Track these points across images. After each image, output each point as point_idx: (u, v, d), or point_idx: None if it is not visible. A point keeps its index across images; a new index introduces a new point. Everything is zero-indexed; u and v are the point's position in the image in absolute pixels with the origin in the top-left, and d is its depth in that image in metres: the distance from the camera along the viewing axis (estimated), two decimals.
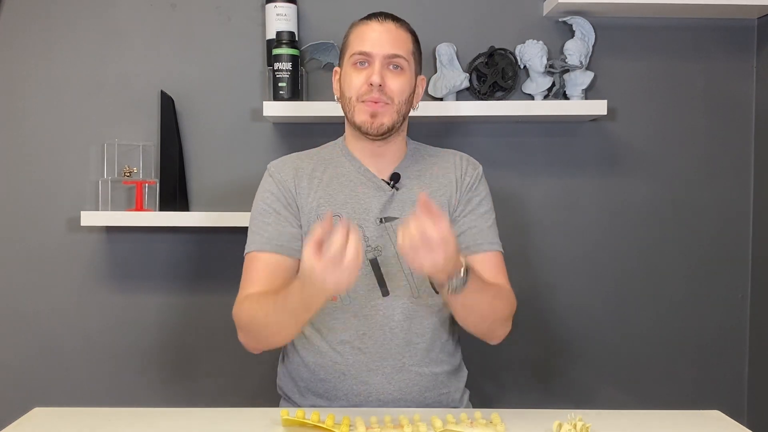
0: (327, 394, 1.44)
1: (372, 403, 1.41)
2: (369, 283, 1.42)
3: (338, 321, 1.42)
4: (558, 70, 1.96)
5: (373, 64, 1.40)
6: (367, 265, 1.41)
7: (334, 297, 1.41)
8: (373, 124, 1.40)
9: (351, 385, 1.42)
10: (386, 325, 1.42)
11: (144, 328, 2.04)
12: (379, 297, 1.42)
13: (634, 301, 2.07)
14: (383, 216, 1.44)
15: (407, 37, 1.45)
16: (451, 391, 1.49)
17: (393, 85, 1.40)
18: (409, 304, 1.43)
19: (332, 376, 1.43)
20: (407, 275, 1.43)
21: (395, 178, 1.47)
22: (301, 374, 1.47)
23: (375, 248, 1.42)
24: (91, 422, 1.26)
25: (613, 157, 2.05)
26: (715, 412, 1.36)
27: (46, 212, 2.01)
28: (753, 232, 2.07)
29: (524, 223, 2.05)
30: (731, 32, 2.03)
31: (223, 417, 1.29)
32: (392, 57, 1.40)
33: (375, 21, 1.43)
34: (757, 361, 2.05)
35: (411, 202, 1.45)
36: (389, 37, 1.41)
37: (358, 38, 1.42)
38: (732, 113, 2.05)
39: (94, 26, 2.00)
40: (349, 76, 1.42)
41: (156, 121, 2.00)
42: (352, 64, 1.42)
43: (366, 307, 1.42)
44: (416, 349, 1.43)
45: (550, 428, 1.19)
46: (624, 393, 2.07)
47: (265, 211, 1.45)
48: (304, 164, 1.49)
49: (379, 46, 1.40)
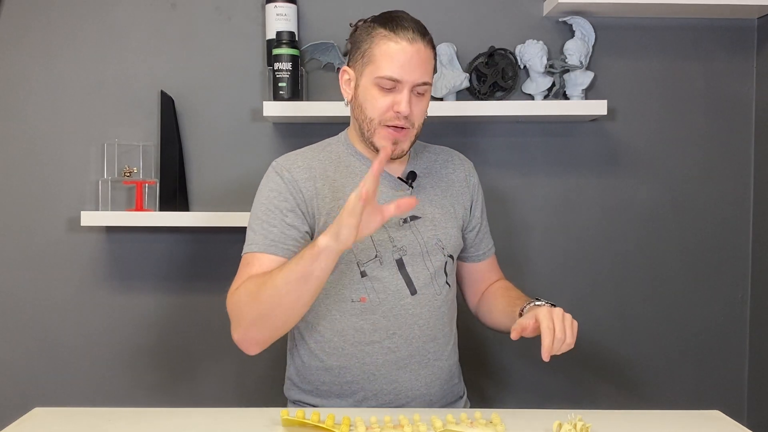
0: (354, 395, 1.43)
1: (401, 400, 1.42)
2: (397, 283, 1.42)
3: (367, 322, 1.41)
4: (558, 70, 1.96)
5: (402, 91, 1.35)
6: (393, 265, 1.41)
7: (363, 298, 1.40)
8: (395, 151, 1.39)
9: (381, 385, 1.42)
10: (415, 324, 1.42)
11: (144, 327, 2.04)
12: (408, 296, 1.42)
13: (634, 301, 2.07)
14: (407, 216, 1.44)
15: (431, 56, 1.39)
16: (459, 382, 1.54)
17: (416, 111, 1.38)
18: (433, 302, 1.45)
19: (360, 377, 1.42)
20: (432, 273, 1.44)
21: (412, 177, 1.47)
22: (321, 378, 1.45)
23: (400, 248, 1.42)
24: (91, 422, 1.26)
25: (613, 157, 2.05)
26: (715, 412, 1.36)
27: (46, 212, 2.01)
28: (753, 232, 2.07)
29: (524, 223, 2.05)
30: (731, 32, 2.03)
31: (223, 417, 1.29)
32: (421, 85, 1.37)
33: (405, 40, 1.34)
34: (757, 361, 2.05)
35: (429, 200, 1.47)
36: (419, 60, 1.35)
37: (387, 58, 1.34)
38: (732, 113, 2.05)
39: (94, 26, 2.00)
40: (373, 97, 1.37)
41: (156, 121, 2.00)
42: (376, 84, 1.36)
43: (396, 307, 1.41)
44: (438, 343, 1.46)
45: (550, 428, 1.19)
46: (624, 393, 2.07)
47: (270, 211, 1.39)
48: (315, 163, 1.44)
49: (409, 72, 1.34)
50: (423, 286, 1.43)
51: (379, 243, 1.41)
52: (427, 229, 1.45)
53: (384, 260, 1.41)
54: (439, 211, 1.48)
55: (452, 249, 1.49)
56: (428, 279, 1.44)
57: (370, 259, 1.41)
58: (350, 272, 1.41)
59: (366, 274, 1.40)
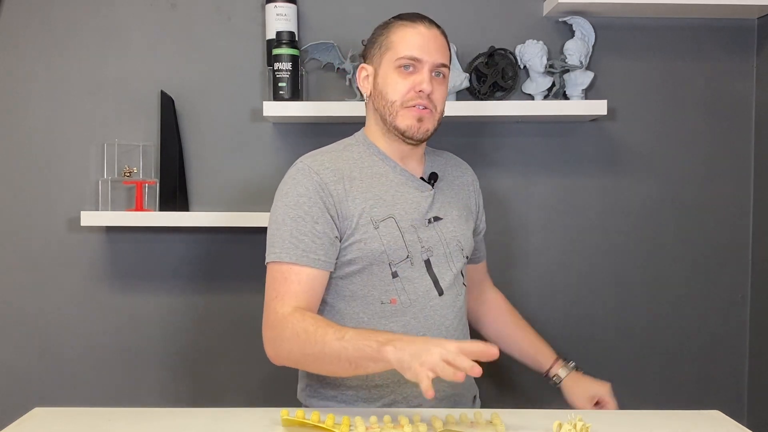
0: (382, 400, 1.40)
1: (429, 402, 1.33)
2: (426, 285, 1.41)
3: (397, 324, 1.39)
4: (558, 70, 1.96)
5: (422, 72, 1.37)
6: (422, 266, 1.41)
7: (393, 299, 1.39)
8: (420, 129, 1.39)
9: (411, 388, 1.39)
10: (442, 324, 1.42)
11: (144, 328, 2.04)
12: (436, 297, 1.42)
13: (634, 301, 2.07)
14: (431, 216, 1.45)
15: (447, 44, 1.44)
16: (472, 380, 1.55)
17: (437, 94, 1.40)
18: (456, 301, 1.46)
19: (389, 381, 1.40)
20: (455, 274, 1.45)
21: (434, 178, 1.48)
22: (347, 383, 1.41)
23: (428, 249, 1.42)
24: (91, 422, 1.26)
25: (613, 157, 2.05)
26: (715, 412, 1.36)
27: (46, 212, 2.01)
28: (753, 232, 2.07)
29: (524, 223, 2.05)
30: (731, 32, 2.03)
31: (224, 417, 1.29)
32: (440, 66, 1.39)
33: (422, 25, 1.39)
34: (757, 361, 2.05)
35: (447, 201, 1.49)
36: (437, 44, 1.39)
37: (405, 41, 1.38)
38: (732, 113, 2.05)
39: (94, 26, 2.00)
40: (394, 81, 1.38)
41: (156, 121, 2.00)
42: (396, 67, 1.38)
43: (426, 308, 1.41)
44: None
45: (550, 428, 1.19)
46: (624, 393, 2.07)
47: (300, 218, 1.34)
48: (340, 164, 1.41)
49: (428, 53, 1.38)
50: (448, 286, 1.44)
51: (410, 243, 1.40)
52: (449, 230, 1.46)
53: (414, 261, 1.40)
54: (457, 213, 1.49)
55: (468, 251, 1.52)
56: (452, 280, 1.45)
57: (402, 259, 1.39)
58: (382, 273, 1.39)
59: (397, 274, 1.39)
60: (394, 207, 1.41)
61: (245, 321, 2.00)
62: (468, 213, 1.54)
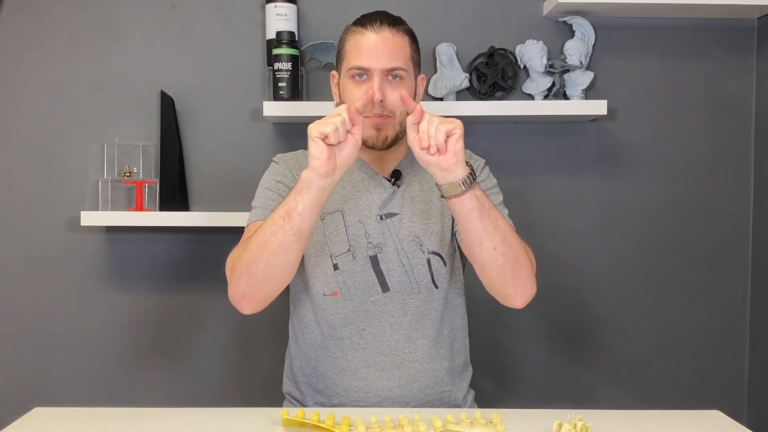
0: (327, 391, 1.44)
1: (371, 399, 1.41)
2: (369, 280, 1.42)
3: (338, 316, 1.43)
4: (558, 70, 1.96)
5: (372, 79, 1.37)
6: (367, 261, 1.42)
7: (335, 291, 1.41)
8: (379, 137, 1.40)
9: (350, 381, 1.42)
10: (386, 321, 1.42)
11: (144, 327, 2.04)
12: (379, 293, 1.42)
13: (634, 301, 2.07)
14: (383, 213, 1.44)
15: (404, 43, 1.40)
16: (453, 389, 1.48)
17: (393, 98, 1.37)
18: (410, 300, 1.43)
19: (332, 371, 1.44)
20: (408, 271, 1.43)
21: (396, 175, 1.48)
22: (303, 369, 1.48)
23: (376, 245, 1.43)
24: (91, 422, 1.26)
25: (613, 157, 2.05)
26: (715, 412, 1.36)
27: (46, 212, 2.01)
28: (753, 232, 2.07)
29: (524, 223, 2.04)
30: (731, 32, 2.03)
31: (223, 417, 1.29)
32: (391, 70, 1.37)
33: (371, 30, 1.38)
34: (757, 361, 2.05)
35: (410, 198, 1.46)
36: (386, 48, 1.37)
37: (355, 50, 1.38)
38: (732, 113, 2.05)
39: (94, 26, 2.00)
40: (349, 90, 1.40)
41: (156, 121, 2.00)
42: (350, 77, 1.39)
43: (366, 302, 1.42)
44: (416, 345, 1.43)
45: (550, 428, 1.19)
46: (624, 393, 2.07)
47: (275, 187, 1.44)
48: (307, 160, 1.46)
49: (376, 59, 1.36)
50: (397, 283, 1.42)
51: (354, 237, 1.42)
52: (404, 226, 1.44)
53: (357, 255, 1.42)
54: (420, 208, 1.46)
55: (436, 247, 1.45)
56: (403, 277, 1.43)
57: (342, 252, 1.42)
58: (324, 264, 1.42)
59: (338, 267, 1.42)
60: (345, 202, 1.44)
61: (245, 321, 2.00)
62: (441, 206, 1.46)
